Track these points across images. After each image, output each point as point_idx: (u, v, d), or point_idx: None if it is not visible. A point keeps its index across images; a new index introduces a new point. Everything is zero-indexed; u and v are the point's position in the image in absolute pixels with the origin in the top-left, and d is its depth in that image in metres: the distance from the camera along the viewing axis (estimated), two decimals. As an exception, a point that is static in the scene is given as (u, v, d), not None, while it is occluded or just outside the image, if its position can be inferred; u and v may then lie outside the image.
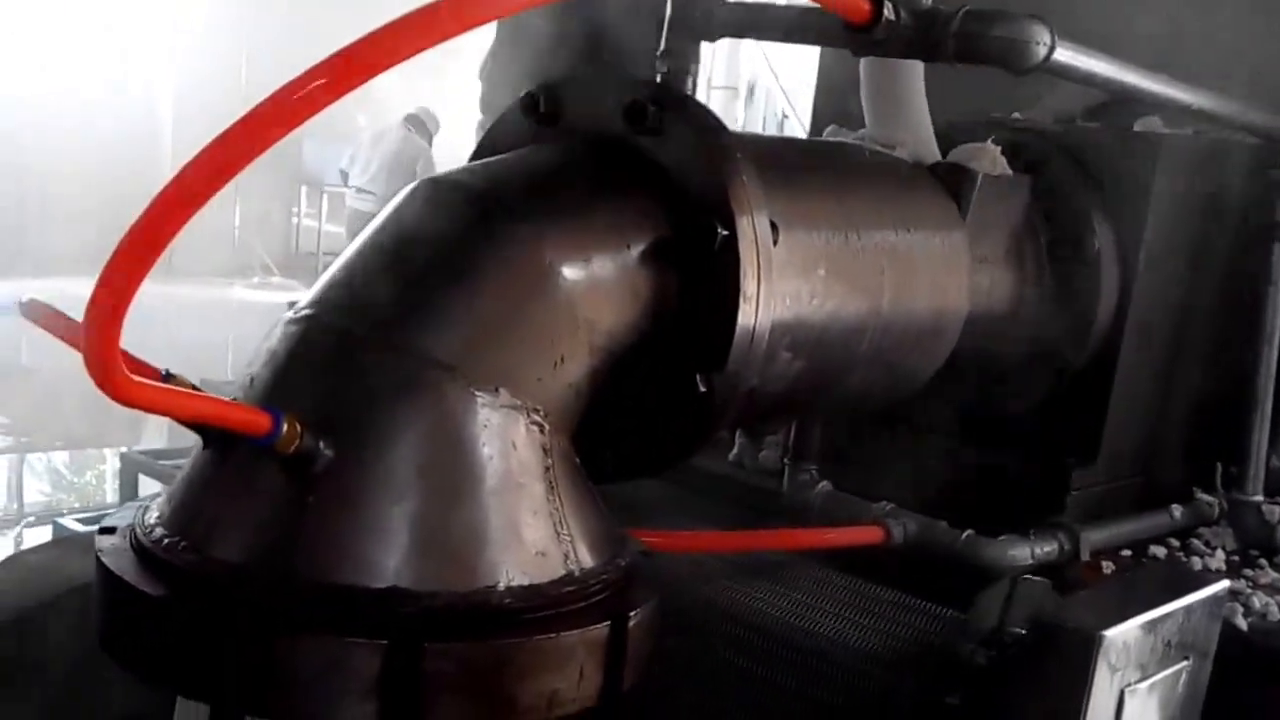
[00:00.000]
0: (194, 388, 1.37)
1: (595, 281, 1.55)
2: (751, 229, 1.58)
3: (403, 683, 1.35)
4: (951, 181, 2.05)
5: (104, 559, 1.47)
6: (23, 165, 14.07)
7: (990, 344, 2.21)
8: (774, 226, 1.61)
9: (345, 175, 13.80)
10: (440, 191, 1.58)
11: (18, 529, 7.00)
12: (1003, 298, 2.19)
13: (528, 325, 1.51)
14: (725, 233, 1.56)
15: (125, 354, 1.22)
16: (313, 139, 14.67)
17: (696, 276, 1.60)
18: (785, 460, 2.22)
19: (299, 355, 1.49)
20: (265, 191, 15.48)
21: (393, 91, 13.12)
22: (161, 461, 5.06)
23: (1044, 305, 2.25)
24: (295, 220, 16.60)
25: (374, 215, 1.49)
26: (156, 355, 1.41)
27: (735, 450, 2.54)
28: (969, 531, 2.05)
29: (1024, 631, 1.70)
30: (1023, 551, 2.05)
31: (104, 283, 1.10)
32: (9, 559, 2.24)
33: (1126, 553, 2.30)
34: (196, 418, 1.32)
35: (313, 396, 1.43)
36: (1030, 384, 2.30)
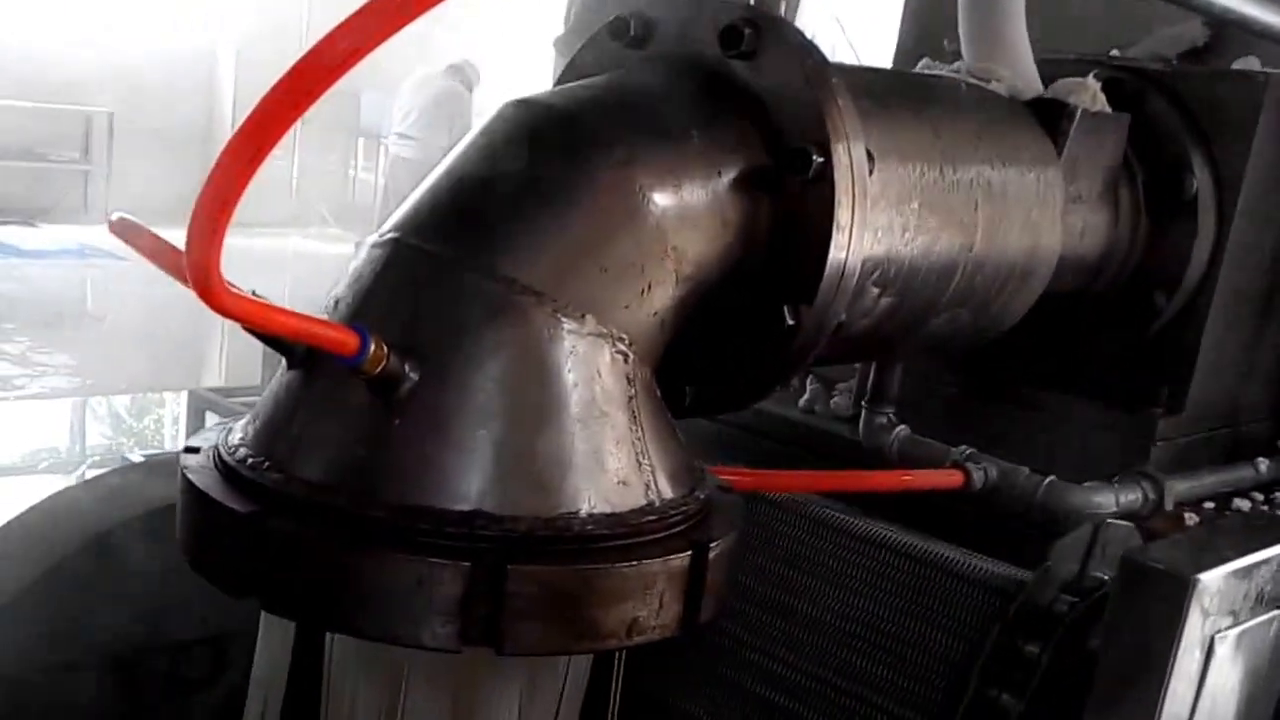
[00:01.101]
0: None
1: (685, 208, 1.53)
2: (847, 157, 1.54)
3: (485, 604, 1.35)
4: (1049, 116, 2.00)
5: (190, 476, 1.48)
6: (88, 113, 14.24)
7: (1080, 287, 2.16)
8: (870, 156, 1.57)
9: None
10: (529, 113, 1.56)
11: (80, 470, 7.13)
12: (1095, 239, 2.13)
13: (616, 252, 1.49)
14: (820, 160, 1.53)
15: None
16: (371, 92, 14.72)
17: (788, 205, 1.57)
18: (863, 404, 2.19)
19: (384, 278, 1.48)
20: (323, 143, 15.60)
21: (449, 45, 13.16)
22: (228, 399, 5.12)
23: (1137, 248, 2.20)
24: (352, 172, 16.73)
25: (415, 161, 1.48)
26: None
27: (806, 396, 2.52)
28: (1051, 477, 2.01)
29: (1108, 577, 1.68)
30: (1106, 499, 2.01)
31: (209, 188, 1.10)
32: (91, 480, 2.28)
33: (1210, 505, 2.25)
34: (288, 333, 1.32)
35: (398, 319, 1.43)
36: (1118, 330, 2.26)
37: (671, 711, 2.12)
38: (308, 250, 14.41)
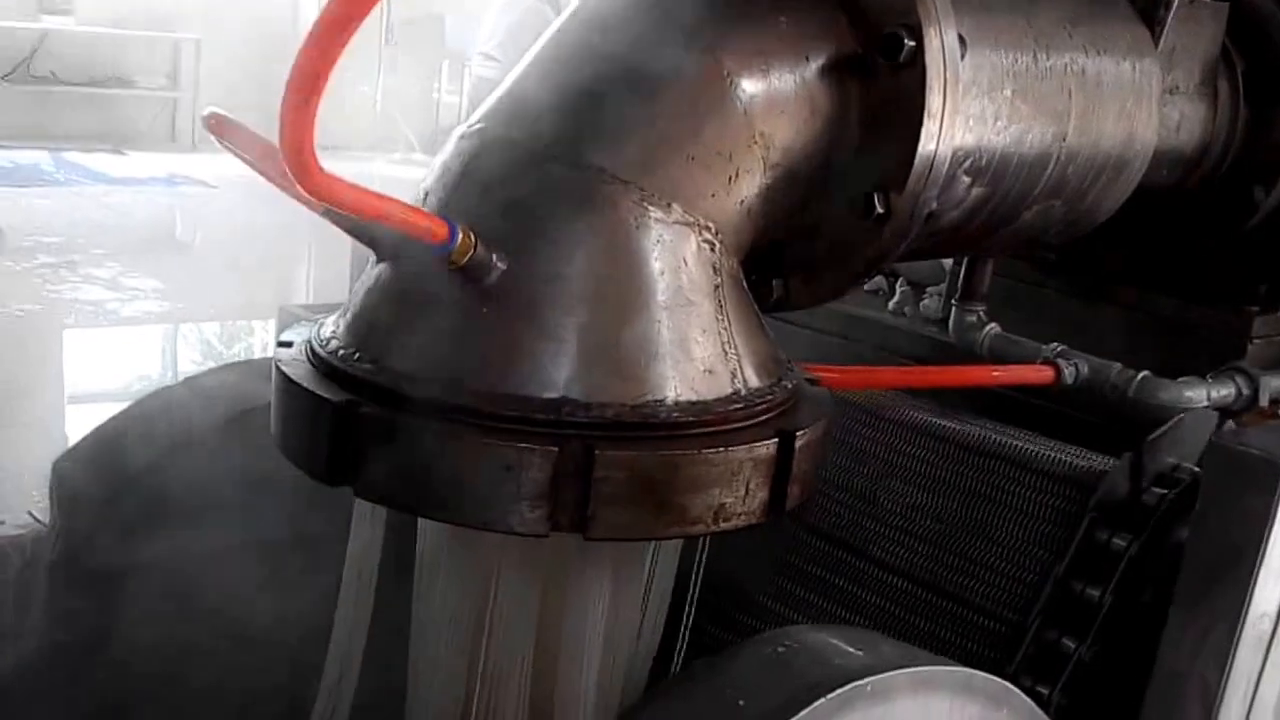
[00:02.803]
0: None
1: (773, 95, 1.51)
2: (939, 41, 1.52)
3: (573, 489, 1.37)
4: (1146, 4, 1.94)
5: (284, 368, 1.51)
6: (175, 40, 14.32)
7: (1176, 181, 2.11)
8: (962, 41, 1.54)
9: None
10: (615, 0, 1.55)
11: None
12: (1192, 131, 2.08)
13: (703, 139, 1.49)
14: (911, 44, 1.50)
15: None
16: (456, 15, 14.63)
17: (878, 91, 1.55)
18: (953, 302, 2.16)
19: (472, 169, 1.49)
20: (407, 67, 15.57)
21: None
22: (318, 315, 5.15)
23: (1236, 141, 2.14)
24: (436, 95, 16.68)
25: (498, 81, 1.49)
26: (299, 226, 1.42)
27: (896, 299, 2.50)
28: (1144, 373, 1.98)
29: (1199, 469, 1.65)
30: (1199, 394, 1.97)
31: (302, 61, 1.10)
32: (189, 380, 2.32)
33: (1305, 402, 2.20)
34: (378, 216, 1.33)
35: (486, 208, 1.44)
36: (1215, 225, 2.20)
37: (751, 603, 2.14)
38: (392, 175, 14.46)
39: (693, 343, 1.45)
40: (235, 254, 9.74)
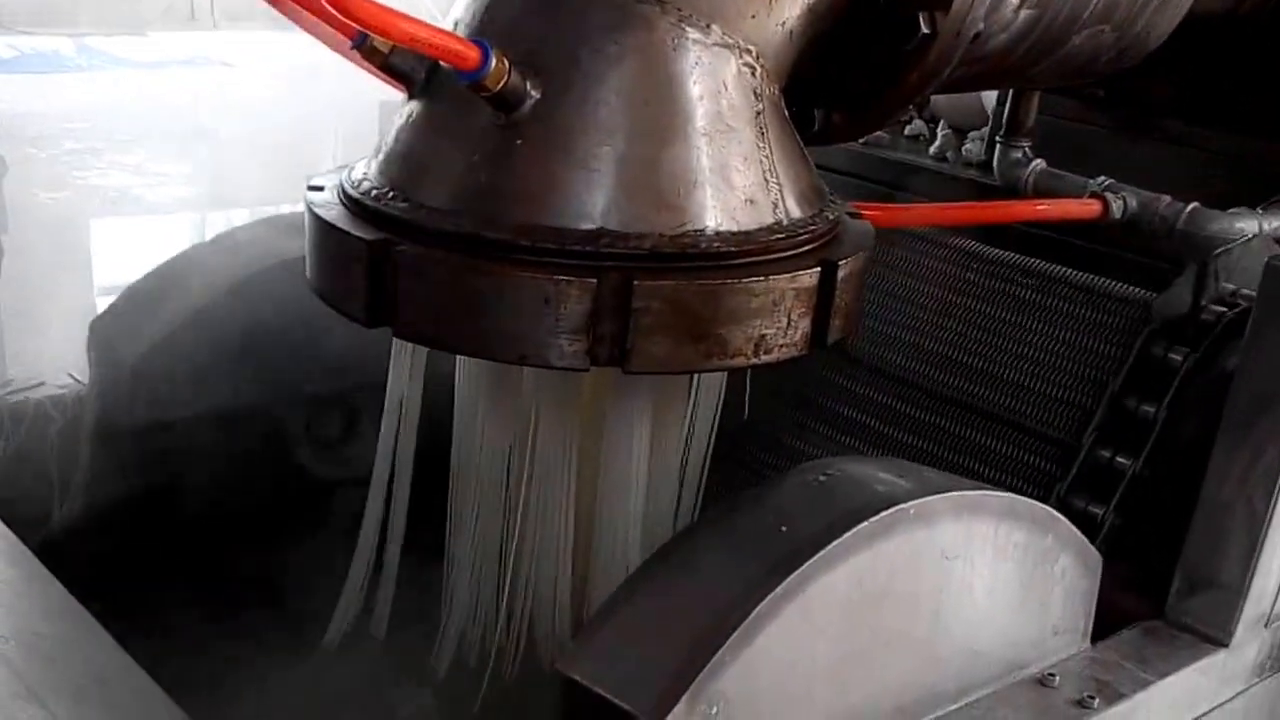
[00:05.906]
0: None
1: (815, -93, 1.45)
2: None
3: (611, 321, 1.34)
4: None
5: (316, 210, 1.49)
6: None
7: (1228, 7, 2.03)
8: None
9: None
10: None
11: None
12: (1249, -47, 2.00)
13: (742, -45, 1.43)
14: None
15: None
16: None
17: (924, -98, 1.49)
18: (998, 138, 2.11)
19: (502, -7, 1.44)
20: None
21: None
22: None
23: (1296, -35, 2.06)
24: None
25: None
26: (319, 105, 1.36)
27: (938, 143, 2.45)
28: (1194, 204, 1.93)
29: (1254, 293, 1.61)
30: (1250, 224, 1.92)
31: None
32: (220, 235, 2.31)
33: (1357, 235, 2.15)
34: (407, 40, 1.28)
35: (519, 34, 1.39)
36: (1268, 54, 2.13)
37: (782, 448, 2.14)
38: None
39: (733, 171, 1.41)
40: (260, 136, 9.67)
